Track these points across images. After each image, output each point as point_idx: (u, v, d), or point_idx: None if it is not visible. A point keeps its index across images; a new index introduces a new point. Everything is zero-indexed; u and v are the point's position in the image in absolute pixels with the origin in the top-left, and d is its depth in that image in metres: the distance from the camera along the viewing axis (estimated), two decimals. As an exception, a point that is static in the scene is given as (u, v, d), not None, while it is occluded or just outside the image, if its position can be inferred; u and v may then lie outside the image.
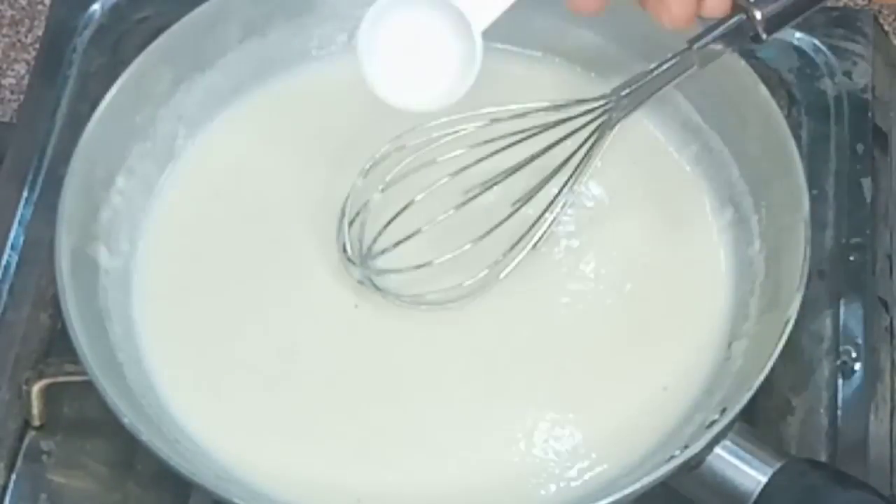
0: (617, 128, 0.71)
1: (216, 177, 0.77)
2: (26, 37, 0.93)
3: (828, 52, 0.83)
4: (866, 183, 0.79)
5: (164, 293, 0.73)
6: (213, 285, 0.73)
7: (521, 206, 0.71)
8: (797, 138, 0.70)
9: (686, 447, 0.62)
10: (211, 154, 0.77)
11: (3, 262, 0.77)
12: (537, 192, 0.72)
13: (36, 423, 0.73)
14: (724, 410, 0.64)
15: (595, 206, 0.75)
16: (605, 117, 0.70)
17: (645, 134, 0.77)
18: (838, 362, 0.73)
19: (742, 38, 0.68)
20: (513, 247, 0.71)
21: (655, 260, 0.73)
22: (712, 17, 0.58)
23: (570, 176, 0.71)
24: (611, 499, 0.61)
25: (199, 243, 0.74)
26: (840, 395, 0.72)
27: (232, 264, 0.73)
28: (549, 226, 0.71)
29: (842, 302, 0.75)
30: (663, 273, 0.73)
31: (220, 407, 0.69)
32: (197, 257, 0.74)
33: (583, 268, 0.73)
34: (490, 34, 0.79)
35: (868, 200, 0.78)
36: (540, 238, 0.71)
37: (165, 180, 0.76)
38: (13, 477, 0.72)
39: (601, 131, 0.70)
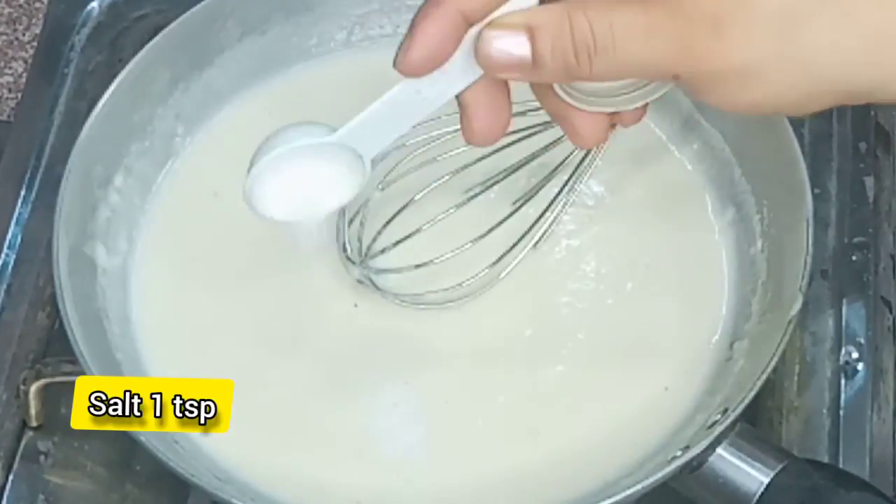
0: (618, 127, 0.70)
1: (215, 175, 0.77)
2: (24, 35, 0.93)
3: (830, 50, 0.83)
4: (869, 182, 0.79)
5: (162, 293, 0.72)
6: (212, 285, 0.73)
7: (522, 206, 0.71)
8: (799, 137, 0.70)
9: (688, 448, 0.62)
10: (209, 153, 0.77)
11: (1, 261, 0.77)
12: (538, 191, 0.72)
13: (33, 423, 0.73)
14: (725, 411, 0.63)
15: (596, 204, 0.74)
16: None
17: (646, 132, 0.76)
18: (841, 362, 0.73)
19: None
20: (513, 246, 0.70)
21: (657, 259, 0.73)
22: (628, 126, 0.55)
23: (571, 175, 0.71)
24: (612, 499, 0.61)
25: (197, 242, 0.74)
26: (842, 396, 0.72)
27: (230, 264, 0.73)
28: (550, 225, 0.71)
29: (844, 301, 0.75)
30: (665, 272, 0.72)
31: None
32: (195, 257, 0.74)
33: (584, 267, 0.73)
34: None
35: (871, 199, 0.78)
36: (540, 237, 0.71)
37: (163, 179, 0.76)
38: (10, 478, 0.72)
39: (602, 129, 0.70)
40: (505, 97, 0.53)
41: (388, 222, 0.70)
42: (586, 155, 0.70)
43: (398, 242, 0.69)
